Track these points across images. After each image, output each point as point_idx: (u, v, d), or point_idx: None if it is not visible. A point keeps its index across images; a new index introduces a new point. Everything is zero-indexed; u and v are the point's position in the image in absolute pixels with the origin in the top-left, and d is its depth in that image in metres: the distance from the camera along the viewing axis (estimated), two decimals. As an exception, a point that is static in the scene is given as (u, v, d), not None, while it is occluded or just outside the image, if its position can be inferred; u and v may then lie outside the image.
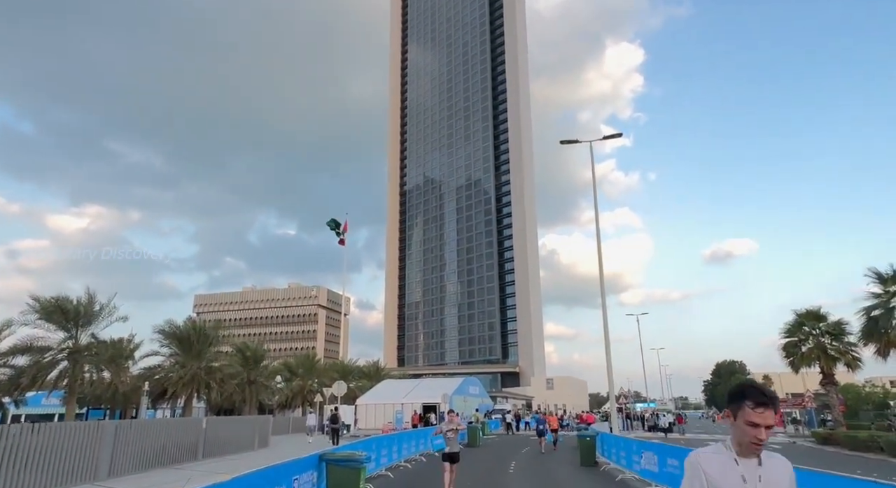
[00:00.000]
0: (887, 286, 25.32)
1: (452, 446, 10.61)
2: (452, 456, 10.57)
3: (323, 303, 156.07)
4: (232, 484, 5.50)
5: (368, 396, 48.58)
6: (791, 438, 38.68)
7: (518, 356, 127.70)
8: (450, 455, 10.57)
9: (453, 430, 10.73)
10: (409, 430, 22.06)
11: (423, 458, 19.63)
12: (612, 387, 25.04)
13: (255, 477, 6.06)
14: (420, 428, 24.04)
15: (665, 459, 11.16)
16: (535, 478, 14.51)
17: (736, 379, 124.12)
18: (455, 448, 10.64)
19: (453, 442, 10.66)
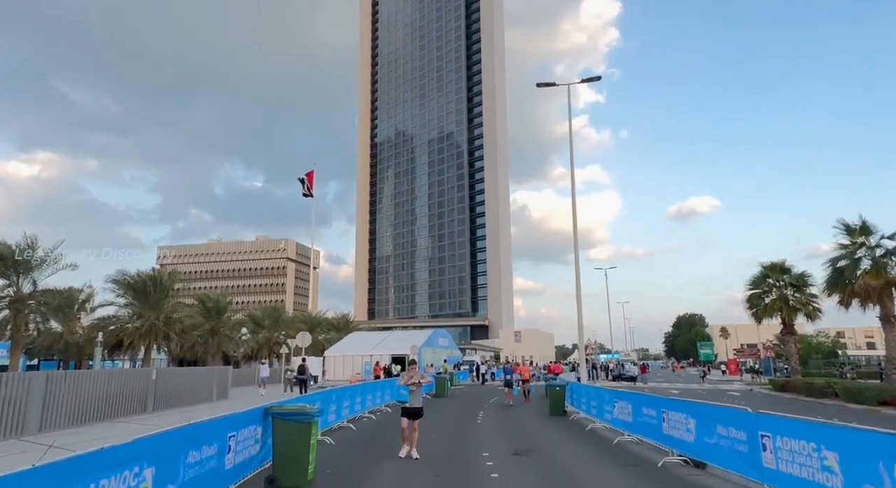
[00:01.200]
0: (854, 237, 25.33)
1: (413, 400, 9.62)
2: (412, 411, 9.56)
3: (292, 257, 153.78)
4: (146, 442, 4.48)
5: (337, 348, 48.20)
6: (748, 386, 39.91)
7: (487, 309, 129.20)
8: (409, 410, 9.58)
9: (415, 384, 9.69)
10: (374, 381, 21.40)
11: (389, 409, 19.05)
12: (582, 339, 24.82)
13: (175, 435, 5.04)
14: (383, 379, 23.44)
15: (639, 409, 10.63)
16: (503, 428, 14.00)
17: (695, 331, 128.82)
18: (416, 403, 9.63)
19: (415, 396, 9.66)
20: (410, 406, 9.59)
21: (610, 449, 10.62)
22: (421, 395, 9.82)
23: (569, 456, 10.01)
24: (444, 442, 11.53)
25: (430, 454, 10.07)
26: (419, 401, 9.70)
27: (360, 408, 15.69)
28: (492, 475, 8.11)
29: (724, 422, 7.34)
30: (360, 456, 9.95)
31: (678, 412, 8.73)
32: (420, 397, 9.75)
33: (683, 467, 8.73)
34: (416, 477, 8.08)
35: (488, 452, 10.17)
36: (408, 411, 9.58)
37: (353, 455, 10.10)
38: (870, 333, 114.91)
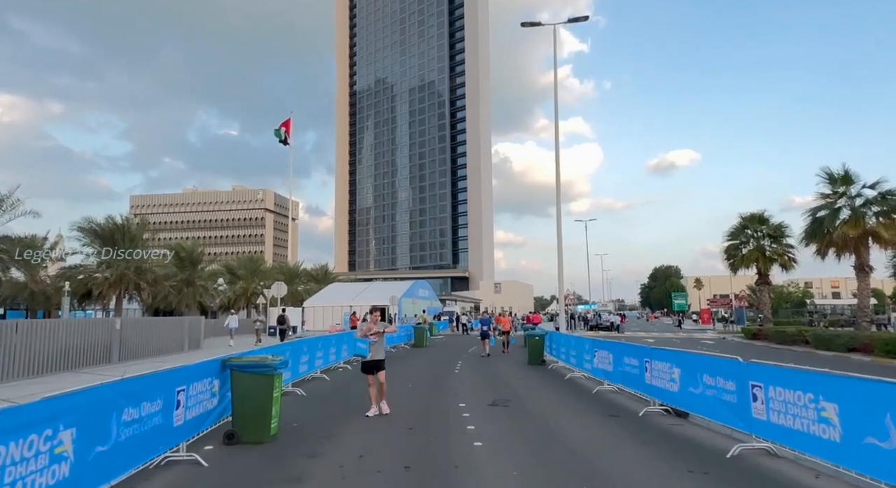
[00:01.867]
0: (836, 186, 25.18)
1: (374, 352, 8.60)
2: (372, 364, 8.58)
3: (270, 207, 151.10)
4: (62, 401, 3.85)
5: (316, 299, 47.87)
6: (721, 334, 40.83)
7: (468, 261, 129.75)
8: (369, 364, 8.60)
9: (377, 334, 8.69)
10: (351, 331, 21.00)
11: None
12: (562, 289, 24.62)
13: (105, 391, 4.41)
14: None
15: (621, 358, 10.33)
16: (481, 378, 13.75)
17: (671, 282, 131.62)
18: (378, 355, 8.63)
19: (376, 347, 8.64)
20: (371, 358, 8.59)
21: (589, 399, 10.38)
22: (384, 347, 8.88)
23: (548, 406, 9.72)
24: (419, 394, 11.19)
25: (405, 406, 9.69)
26: (380, 353, 8.71)
27: (335, 359, 15.29)
28: (468, 427, 7.74)
29: (712, 372, 6.98)
30: (332, 408, 9.53)
31: (662, 361, 8.39)
32: (382, 349, 8.78)
33: (665, 417, 8.48)
34: (387, 430, 7.66)
35: (465, 403, 9.83)
36: (367, 365, 8.66)
37: (325, 407, 9.67)
38: (836, 283, 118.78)
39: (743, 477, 5.35)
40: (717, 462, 5.93)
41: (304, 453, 6.32)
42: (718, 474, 5.47)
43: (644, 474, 5.50)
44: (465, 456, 6.19)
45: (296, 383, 11.49)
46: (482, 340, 20.69)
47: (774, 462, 5.87)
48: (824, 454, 5.08)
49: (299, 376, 11.76)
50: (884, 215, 23.97)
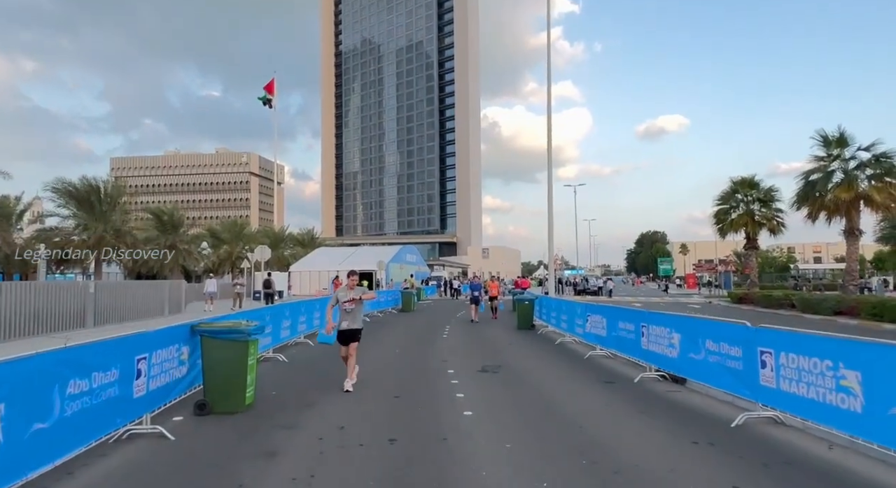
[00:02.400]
0: (831, 149, 24.78)
1: (350, 321, 7.68)
2: (347, 334, 7.69)
3: (255, 171, 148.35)
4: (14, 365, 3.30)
5: (303, 263, 47.28)
6: (707, 298, 41.08)
7: (456, 227, 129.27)
8: (344, 333, 7.71)
9: (352, 301, 7.69)
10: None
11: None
12: (552, 253, 24.27)
13: (43, 360, 3.86)
14: None
15: (615, 323, 9.95)
16: (470, 344, 13.39)
17: (657, 248, 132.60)
18: (354, 324, 7.70)
19: (352, 316, 7.69)
20: (347, 327, 7.68)
21: (582, 364, 10.05)
22: (361, 315, 7.90)
23: (539, 372, 9.36)
24: (406, 360, 10.79)
25: (391, 372, 9.29)
26: (357, 322, 7.78)
27: (318, 323, 14.82)
28: (457, 395, 7.33)
29: (716, 338, 6.58)
30: (314, 375, 9.09)
31: (661, 326, 8.00)
32: (360, 318, 7.85)
33: (661, 383, 8.15)
34: (372, 398, 7.24)
35: (454, 369, 9.44)
36: (343, 334, 7.73)
37: (306, 374, 9.24)
38: (817, 248, 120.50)
39: (751, 448, 4.99)
40: (722, 431, 5.57)
41: (281, 424, 5.87)
42: (725, 445, 5.11)
43: (646, 446, 5.12)
44: (455, 426, 5.77)
45: (277, 349, 11.03)
46: (471, 305, 19.81)
47: (782, 431, 5.52)
48: (842, 425, 4.72)
49: (281, 341, 11.29)
50: (877, 178, 23.72)
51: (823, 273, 79.78)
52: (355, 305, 7.70)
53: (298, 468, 4.53)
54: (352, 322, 7.70)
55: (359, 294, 7.78)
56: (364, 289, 8.15)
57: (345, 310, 7.68)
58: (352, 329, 7.71)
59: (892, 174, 23.36)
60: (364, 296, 7.91)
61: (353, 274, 7.97)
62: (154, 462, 4.69)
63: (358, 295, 7.75)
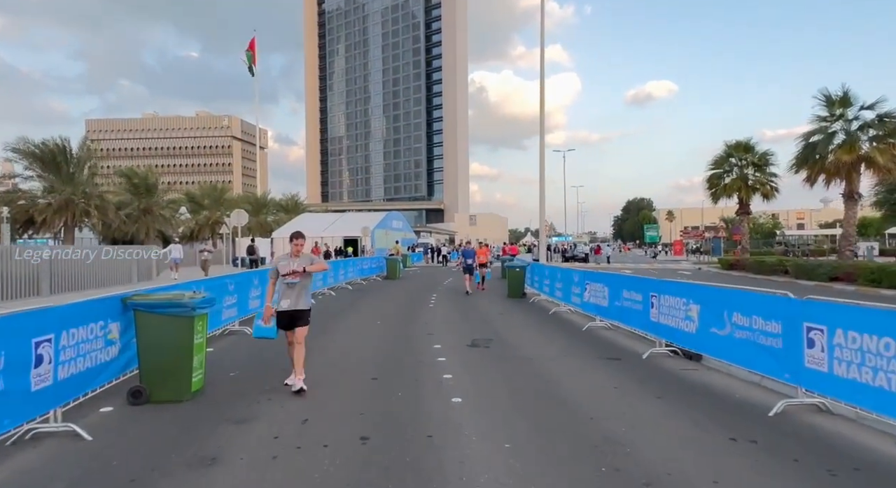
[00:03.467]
0: (833, 109, 23.75)
1: (293, 300, 5.75)
2: (288, 317, 5.76)
3: (237, 135, 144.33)
4: None
5: (286, 229, 45.97)
6: (696, 265, 40.61)
7: (443, 194, 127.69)
8: (283, 316, 5.77)
9: (295, 273, 5.74)
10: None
11: (333, 292, 17.37)
12: (543, 217, 23.26)
13: None
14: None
15: (618, 292, 9.01)
16: (457, 314, 12.45)
17: (643, 215, 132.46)
18: (298, 304, 5.77)
19: (295, 293, 5.77)
20: (287, 308, 5.74)
21: (582, 337, 9.13)
22: (307, 293, 5.93)
23: (535, 346, 8.43)
24: (388, 333, 9.80)
25: (370, 348, 8.30)
26: (303, 301, 5.81)
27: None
28: (444, 376, 6.36)
29: (746, 310, 5.63)
30: (282, 351, 8.04)
31: (675, 296, 7.05)
32: (305, 295, 5.87)
33: (673, 359, 7.26)
34: (344, 381, 6.25)
35: (440, 344, 8.48)
36: (282, 317, 5.78)
37: (274, 351, 8.17)
38: (801, 214, 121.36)
39: (804, 448, 4.07)
40: (761, 423, 4.65)
41: (232, 417, 4.85)
42: (770, 443, 4.19)
43: (674, 444, 4.19)
44: (442, 419, 4.80)
45: (245, 321, 9.98)
46: (465, 275, 17.43)
47: (833, 423, 4.62)
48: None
49: (249, 312, 10.23)
50: (879, 139, 22.81)
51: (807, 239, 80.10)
52: (300, 279, 5.73)
53: (240, 481, 3.53)
54: (295, 301, 5.72)
55: (305, 263, 5.75)
56: (312, 257, 6.03)
57: (286, 284, 5.74)
58: (294, 310, 5.72)
59: (895, 135, 22.46)
60: (311, 267, 5.80)
61: (297, 237, 5.87)
62: (49, 475, 3.65)
63: (303, 265, 5.73)
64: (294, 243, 5.82)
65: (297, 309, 5.73)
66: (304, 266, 5.71)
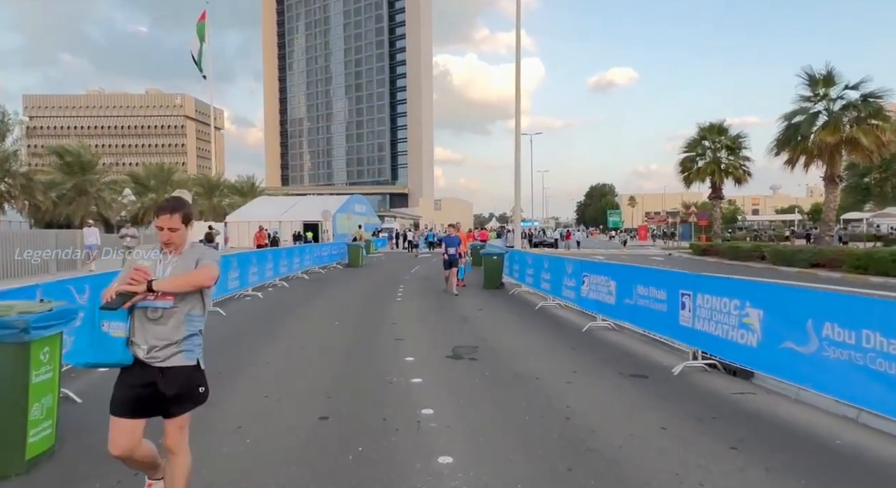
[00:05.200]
0: (817, 88, 22.82)
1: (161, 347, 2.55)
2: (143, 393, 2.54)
3: (191, 115, 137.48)
4: None
5: (240, 213, 43.29)
6: (666, 250, 39.92)
7: (408, 178, 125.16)
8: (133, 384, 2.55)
9: (160, 295, 2.50)
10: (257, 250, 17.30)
11: (286, 283, 15.30)
12: (518, 203, 21.65)
13: None
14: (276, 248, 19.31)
15: (630, 287, 7.34)
16: (430, 310, 10.65)
17: (606, 200, 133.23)
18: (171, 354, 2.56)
19: (166, 333, 2.54)
20: (152, 362, 2.55)
21: (587, 344, 7.44)
22: (191, 328, 2.61)
23: (535, 358, 6.70)
24: (348, 339, 7.91)
25: (326, 363, 6.41)
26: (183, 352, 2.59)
27: (238, 285, 11.71)
28: (422, 411, 4.56)
29: (850, 320, 4.02)
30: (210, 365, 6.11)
31: (722, 296, 5.41)
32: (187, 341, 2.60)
33: (714, 376, 5.66)
34: (284, 422, 4.38)
35: (413, 355, 6.65)
36: (129, 385, 2.56)
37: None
38: (756, 201, 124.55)
39: None
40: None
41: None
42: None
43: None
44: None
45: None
46: (447, 270, 13.19)
47: None
48: None
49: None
50: (861, 121, 21.98)
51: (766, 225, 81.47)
52: (172, 303, 2.55)
53: None
54: (164, 349, 2.56)
55: (184, 268, 2.59)
56: (201, 249, 2.77)
57: (146, 314, 2.55)
58: (163, 370, 2.56)
59: (879, 115, 21.69)
60: (192, 277, 2.54)
61: (168, 210, 2.60)
62: None
63: (180, 274, 2.56)
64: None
65: (171, 367, 2.56)
66: (177, 283, 2.50)
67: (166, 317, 2.55)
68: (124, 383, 2.58)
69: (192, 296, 2.62)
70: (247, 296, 12.23)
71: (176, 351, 2.57)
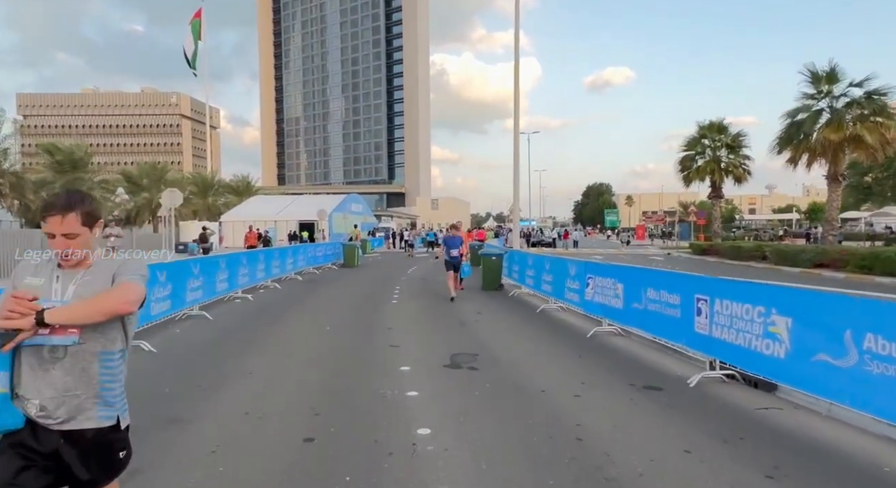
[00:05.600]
0: (820, 85, 22.45)
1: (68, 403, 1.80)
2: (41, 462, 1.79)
3: (186, 113, 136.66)
4: None
5: (235, 213, 42.77)
6: (665, 250, 39.55)
7: (405, 177, 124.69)
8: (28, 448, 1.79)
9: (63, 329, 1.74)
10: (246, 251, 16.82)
11: (278, 285, 14.84)
12: (517, 202, 21.21)
13: None
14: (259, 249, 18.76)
15: (638, 291, 6.91)
16: (426, 313, 10.22)
17: (603, 200, 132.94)
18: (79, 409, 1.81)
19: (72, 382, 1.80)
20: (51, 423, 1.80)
21: (593, 351, 7.01)
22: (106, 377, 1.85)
23: (539, 367, 6.27)
24: (340, 347, 7.46)
25: (314, 374, 5.96)
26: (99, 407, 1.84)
27: (226, 287, 11.25)
28: (419, 432, 4.12)
29: (888, 330, 3.60)
30: (188, 377, 5.64)
31: (743, 302, 4.98)
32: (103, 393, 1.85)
33: (733, 387, 5.23)
34: (264, 445, 3.93)
35: (409, 364, 6.21)
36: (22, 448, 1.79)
37: (173, 376, 5.76)
38: (752, 200, 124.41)
39: None
40: None
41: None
42: None
43: None
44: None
45: (142, 332, 7.50)
46: (449, 273, 12.01)
47: None
48: None
49: (150, 319, 7.74)
50: (863, 119, 21.61)
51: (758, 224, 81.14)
52: (77, 337, 1.78)
53: None
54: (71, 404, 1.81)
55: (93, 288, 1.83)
56: (120, 260, 1.95)
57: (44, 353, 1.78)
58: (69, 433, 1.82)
59: (884, 113, 21.33)
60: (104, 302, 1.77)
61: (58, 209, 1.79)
62: None
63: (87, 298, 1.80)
64: (48, 222, 1.81)
65: (78, 430, 1.83)
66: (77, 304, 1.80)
67: (70, 358, 1.80)
68: (13, 454, 1.79)
69: (109, 328, 1.85)
70: (236, 298, 11.77)
71: (85, 406, 1.83)
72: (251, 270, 12.78)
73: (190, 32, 40.87)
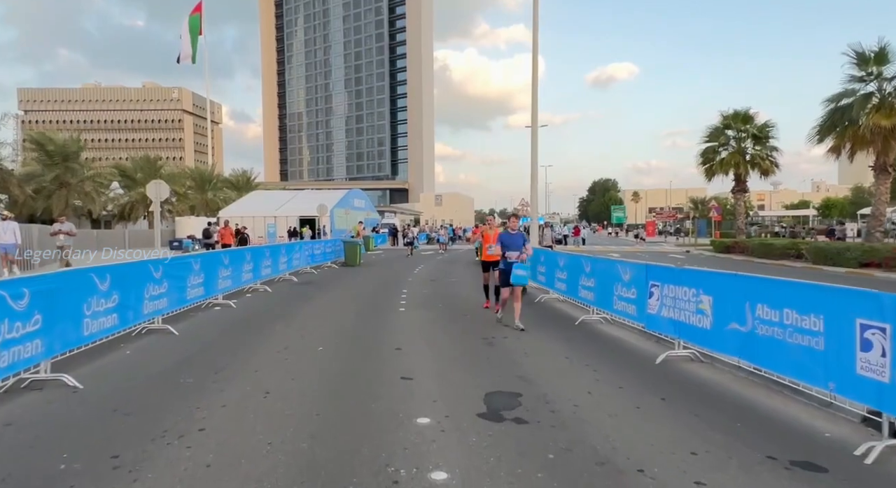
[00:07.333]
0: (868, 67, 20.41)
1: None
2: None
3: (188, 109, 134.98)
4: None
5: (235, 208, 41.08)
6: (682, 247, 37.55)
7: (408, 173, 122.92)
8: None
9: None
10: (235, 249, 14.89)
11: (268, 288, 13.01)
12: (535, 195, 19.36)
13: None
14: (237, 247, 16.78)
15: (741, 304, 5.04)
16: (442, 329, 8.36)
17: (609, 196, 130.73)
18: None
19: None
20: None
21: (680, 389, 5.11)
22: None
23: (617, 421, 4.40)
24: (332, 377, 5.58)
25: (289, 434, 4.07)
26: None
27: (201, 293, 9.40)
28: None
29: None
30: (113, 429, 3.81)
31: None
32: None
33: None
34: None
35: (429, 412, 4.32)
36: None
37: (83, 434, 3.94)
38: (761, 196, 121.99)
39: None
40: None
41: None
42: None
43: None
44: None
45: (88, 351, 5.68)
46: (505, 288, 8.27)
47: None
48: None
49: (128, 324, 5.93)
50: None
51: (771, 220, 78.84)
52: None
53: None
54: None
55: None
56: None
57: None
58: None
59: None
60: None
61: None
62: None
63: None
64: None
65: None
66: None
67: None
68: None
69: None
70: (216, 305, 9.94)
71: None
72: (235, 271, 10.95)
73: (187, 27, 39.46)
